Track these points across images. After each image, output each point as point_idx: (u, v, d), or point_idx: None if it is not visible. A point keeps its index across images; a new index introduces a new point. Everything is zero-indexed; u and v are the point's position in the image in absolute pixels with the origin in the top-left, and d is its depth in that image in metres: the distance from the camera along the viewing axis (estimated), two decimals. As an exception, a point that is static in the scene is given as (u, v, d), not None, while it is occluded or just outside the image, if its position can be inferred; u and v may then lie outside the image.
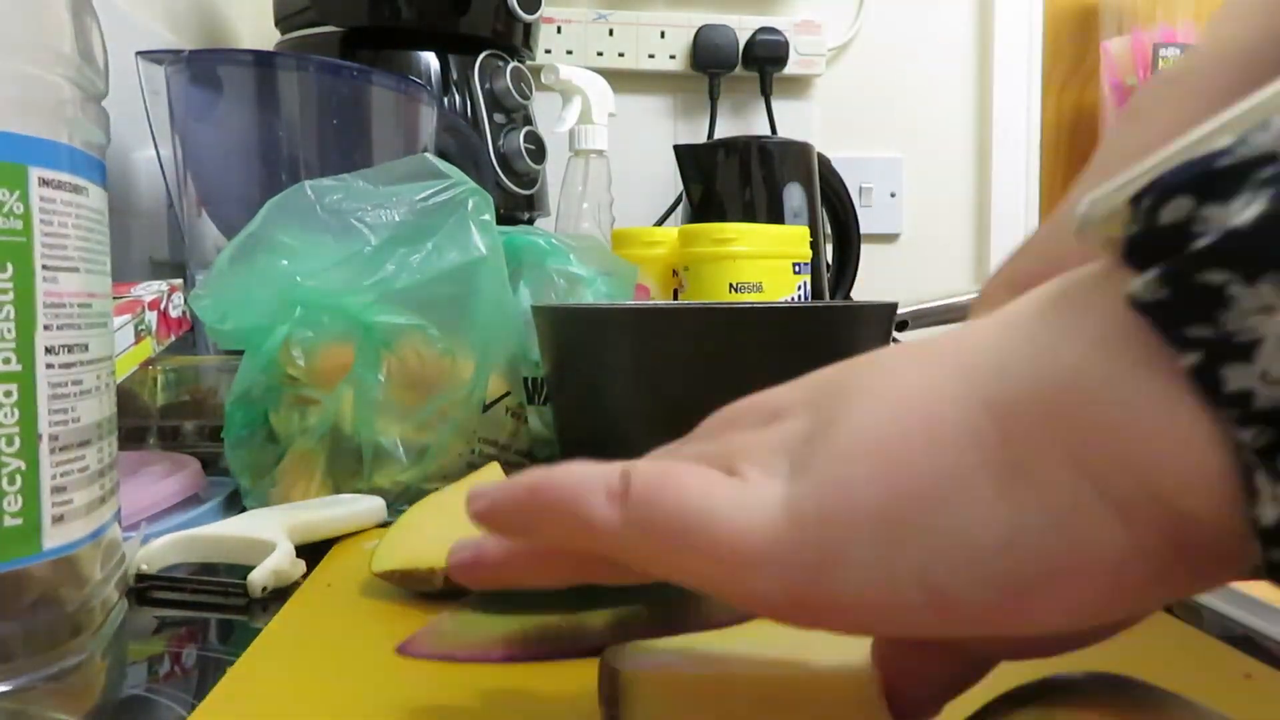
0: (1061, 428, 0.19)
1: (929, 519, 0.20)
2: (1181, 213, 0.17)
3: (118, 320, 0.66)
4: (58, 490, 0.28)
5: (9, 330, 0.27)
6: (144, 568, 0.50)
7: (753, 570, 0.22)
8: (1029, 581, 0.20)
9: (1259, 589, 0.47)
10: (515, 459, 0.73)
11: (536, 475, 0.26)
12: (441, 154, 0.93)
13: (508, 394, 0.72)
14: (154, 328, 0.71)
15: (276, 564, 0.48)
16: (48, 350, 0.28)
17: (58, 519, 0.28)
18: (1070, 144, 1.87)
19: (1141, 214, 0.18)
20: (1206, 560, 0.19)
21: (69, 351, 0.28)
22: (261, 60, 0.92)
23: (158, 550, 0.51)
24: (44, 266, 0.27)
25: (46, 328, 0.28)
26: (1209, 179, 0.17)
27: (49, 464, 0.28)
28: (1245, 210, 0.17)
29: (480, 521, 0.27)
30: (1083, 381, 0.19)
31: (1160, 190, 0.18)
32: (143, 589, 0.49)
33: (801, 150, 1.29)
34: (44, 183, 0.27)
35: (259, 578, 0.47)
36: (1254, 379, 0.17)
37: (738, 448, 0.25)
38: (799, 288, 1.05)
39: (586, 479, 0.25)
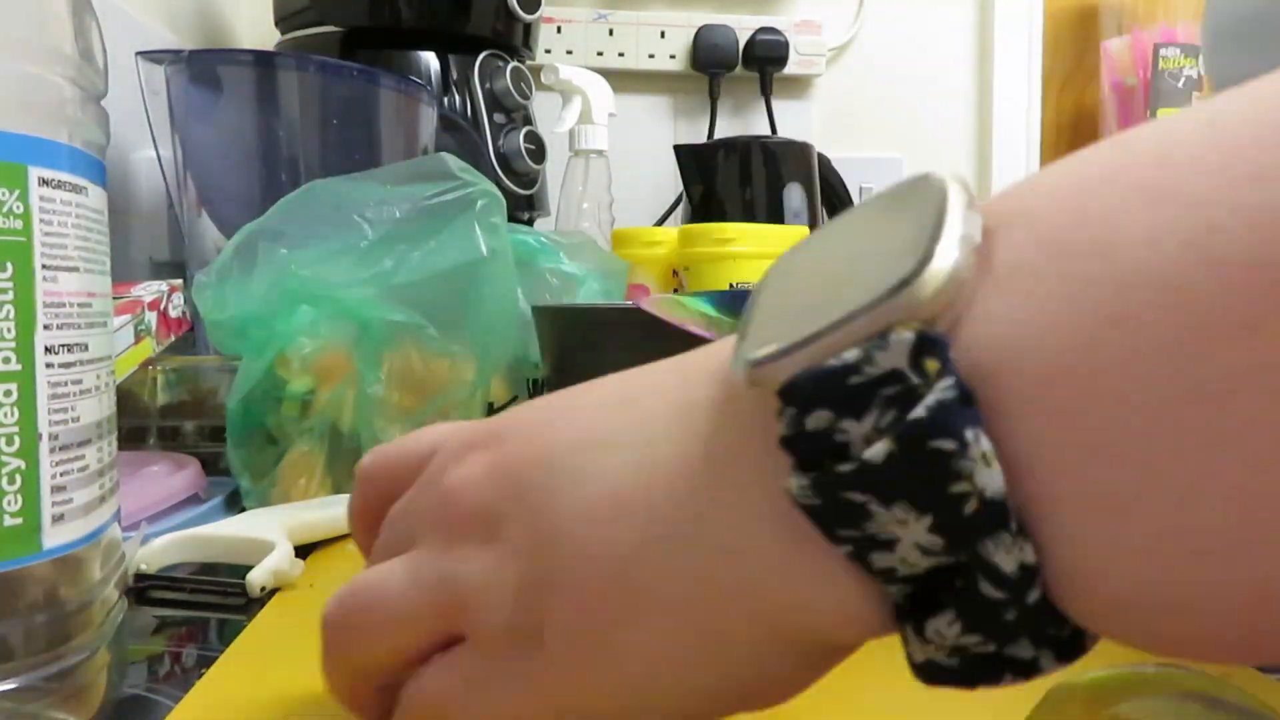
0: (748, 594, 0.23)
1: (655, 672, 0.24)
2: (823, 423, 0.20)
3: (118, 320, 0.66)
4: (57, 490, 0.28)
5: (9, 330, 0.27)
6: (143, 567, 0.50)
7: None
8: (737, 700, 0.25)
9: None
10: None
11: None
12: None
13: (515, 399, 0.72)
14: (154, 328, 0.71)
15: (276, 564, 0.48)
16: (47, 350, 0.28)
17: (57, 518, 0.28)
18: (1070, 144, 1.87)
19: (792, 418, 0.20)
20: (841, 656, 0.25)
21: (69, 351, 0.28)
22: (261, 60, 0.92)
23: (157, 550, 0.51)
24: (44, 266, 0.27)
25: (46, 327, 0.28)
26: (843, 396, 0.20)
27: (49, 463, 0.28)
28: (876, 444, 0.19)
29: None
30: (764, 558, 0.22)
31: (803, 400, 0.20)
32: (142, 589, 0.49)
33: (801, 150, 1.29)
34: (44, 182, 0.27)
35: (258, 578, 0.47)
36: (895, 561, 0.20)
37: (470, 582, 0.26)
38: (799, 288, 1.05)
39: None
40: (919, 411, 0.19)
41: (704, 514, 0.23)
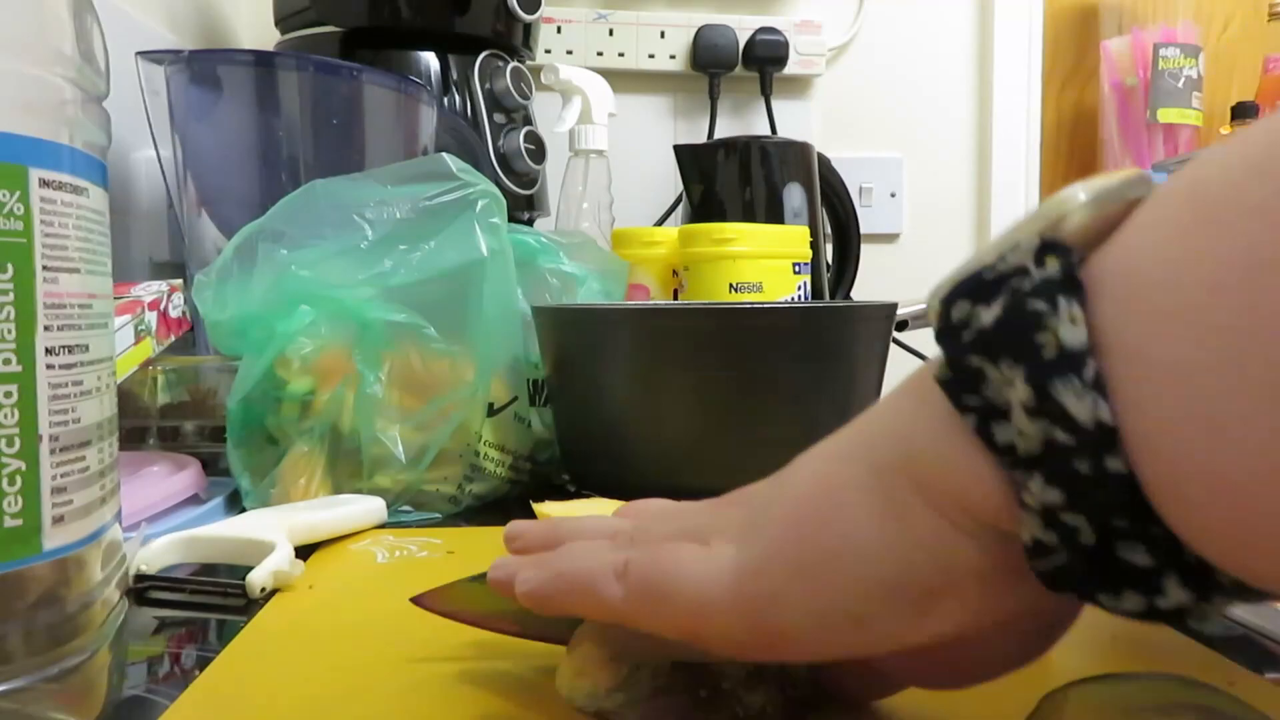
0: (918, 481, 0.26)
1: (839, 561, 0.26)
2: (963, 312, 0.24)
3: (118, 320, 0.66)
4: (58, 491, 0.28)
5: (9, 331, 0.27)
6: (143, 568, 0.50)
7: (715, 615, 0.28)
8: (920, 600, 0.26)
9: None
10: (523, 464, 0.73)
11: (561, 563, 0.33)
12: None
13: (515, 399, 0.72)
14: (154, 328, 0.71)
15: (276, 565, 0.48)
16: (48, 351, 0.28)
17: (58, 520, 0.28)
18: (1070, 144, 1.87)
19: (940, 315, 0.25)
20: (1023, 588, 0.25)
21: (69, 352, 0.28)
22: (261, 60, 0.92)
23: (157, 550, 0.51)
24: (44, 267, 0.27)
25: (47, 328, 0.27)
26: (979, 287, 0.24)
27: (49, 465, 0.28)
28: (989, 312, 0.23)
29: (521, 603, 0.33)
30: (921, 444, 0.26)
31: (951, 295, 0.24)
32: (142, 589, 0.49)
33: (801, 150, 1.29)
34: (44, 183, 0.27)
35: (258, 578, 0.47)
36: (1013, 434, 0.23)
37: (710, 524, 0.31)
38: (799, 288, 1.05)
39: (598, 567, 0.31)
40: (1024, 283, 0.23)
41: (885, 422, 0.28)
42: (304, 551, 0.54)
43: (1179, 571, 0.22)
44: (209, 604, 0.48)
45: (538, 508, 0.57)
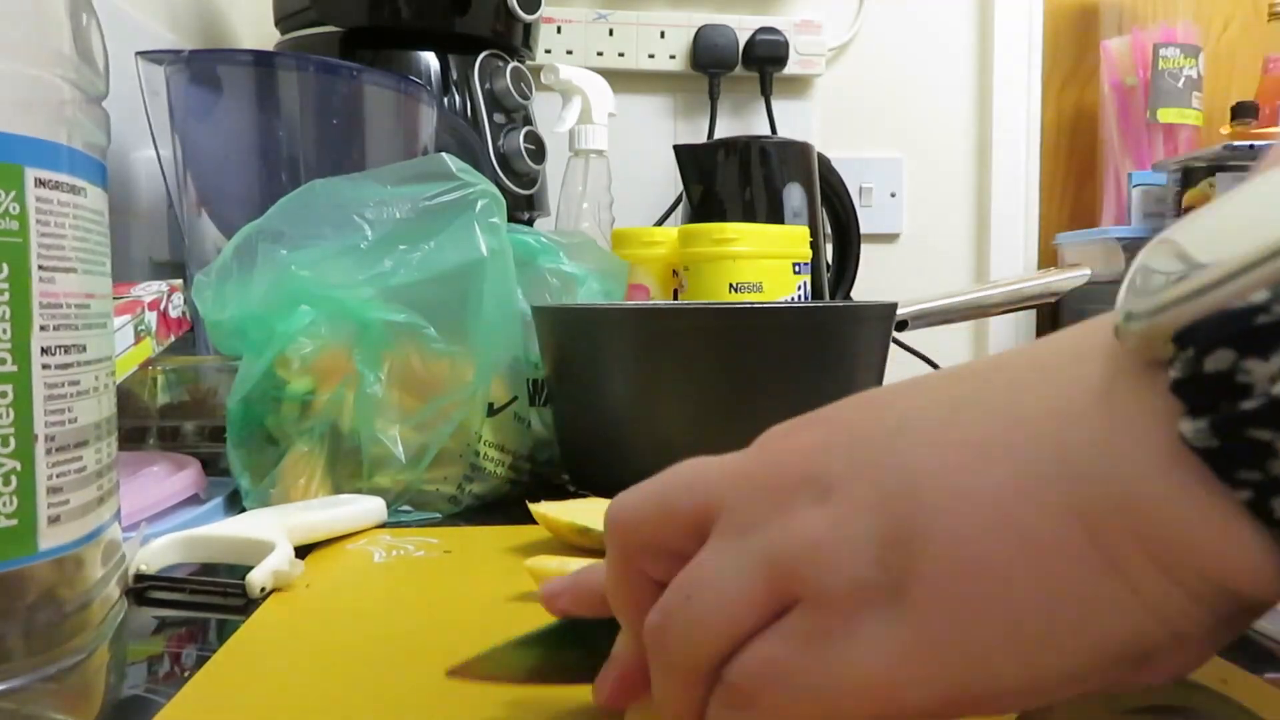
0: (1143, 537, 0.22)
1: (1054, 628, 0.23)
2: (1225, 364, 0.20)
3: (118, 320, 0.66)
4: (54, 491, 0.28)
5: (4, 331, 0.27)
6: (143, 568, 0.50)
7: (900, 699, 0.24)
8: (1144, 659, 0.23)
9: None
10: (523, 464, 0.73)
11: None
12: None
13: (515, 399, 0.72)
14: (154, 328, 0.71)
15: (275, 565, 0.48)
16: (44, 351, 0.27)
17: (54, 519, 0.28)
18: (1070, 144, 1.87)
19: (1188, 361, 0.21)
20: (1246, 619, 0.23)
21: (66, 352, 0.28)
22: (261, 60, 0.92)
23: (157, 550, 0.51)
24: (40, 267, 0.27)
25: (43, 328, 0.27)
26: (1249, 335, 0.20)
27: (45, 465, 0.27)
28: None
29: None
30: (1158, 503, 0.22)
31: (1204, 342, 0.20)
32: (142, 589, 0.49)
33: (801, 150, 1.29)
34: (40, 183, 0.27)
35: (258, 578, 0.47)
36: None
37: (804, 541, 0.25)
38: (799, 288, 1.05)
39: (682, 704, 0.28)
40: None
41: (1084, 457, 0.23)
42: (303, 551, 0.54)
43: None
44: (208, 604, 0.48)
45: (534, 509, 0.56)
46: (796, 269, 1.05)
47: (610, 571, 0.30)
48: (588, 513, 0.55)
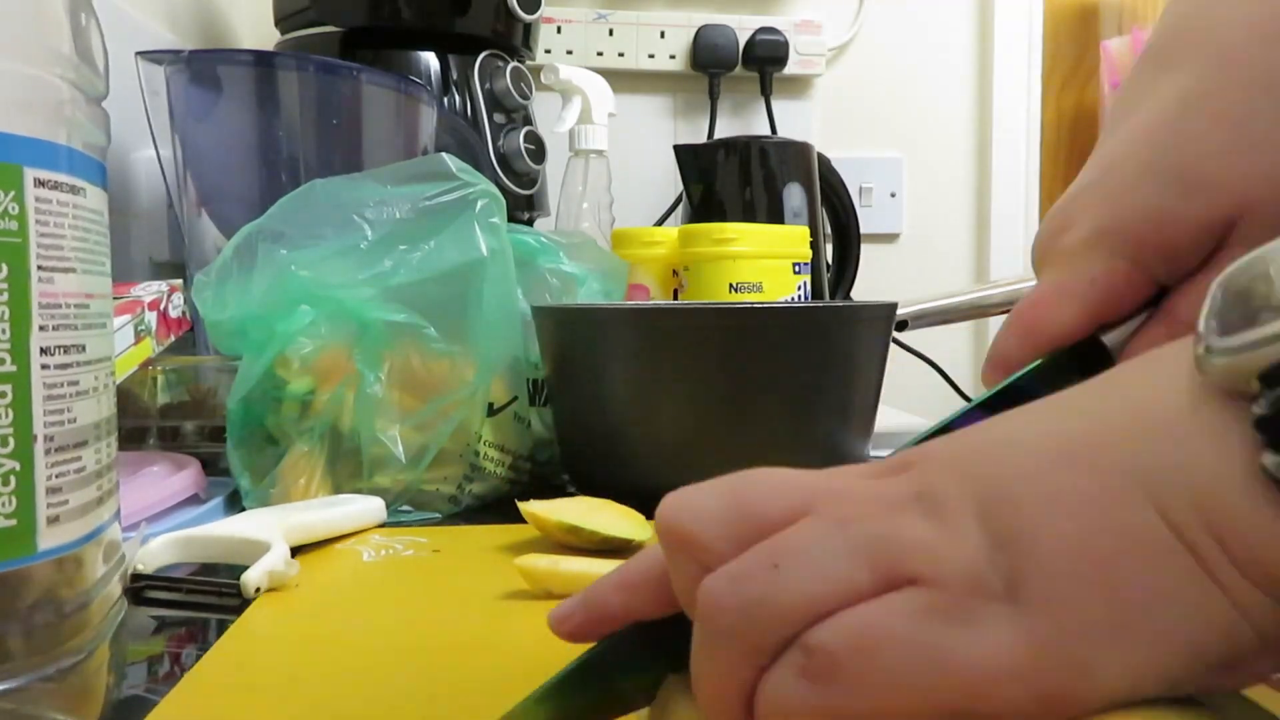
0: (1230, 548, 0.23)
1: (1158, 625, 0.23)
2: None
3: (118, 320, 0.66)
4: (53, 491, 0.28)
5: (3, 331, 0.27)
6: (140, 567, 0.50)
7: (999, 695, 0.24)
8: (1234, 662, 0.24)
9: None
10: (523, 464, 0.73)
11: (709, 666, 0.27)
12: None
13: (515, 399, 0.72)
14: (154, 328, 0.71)
15: (271, 565, 0.48)
16: (43, 351, 0.27)
17: (53, 520, 0.28)
18: (1070, 144, 1.86)
19: (1271, 400, 0.22)
20: None
21: (65, 352, 0.28)
22: (261, 60, 0.92)
23: (154, 550, 0.51)
24: (39, 267, 0.27)
25: (42, 328, 0.27)
26: None
27: (44, 465, 0.27)
28: None
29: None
30: (1238, 515, 0.23)
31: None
32: (139, 589, 0.49)
33: (801, 150, 1.29)
34: (39, 183, 0.27)
35: (253, 578, 0.47)
36: None
37: (915, 537, 0.25)
38: (799, 288, 1.05)
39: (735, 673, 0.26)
40: None
41: (1168, 466, 0.24)
42: (298, 551, 0.54)
43: None
44: (204, 604, 0.48)
45: (524, 507, 0.56)
46: (796, 269, 1.05)
47: (713, 655, 0.27)
48: (577, 511, 0.55)
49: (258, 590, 0.47)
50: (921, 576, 0.24)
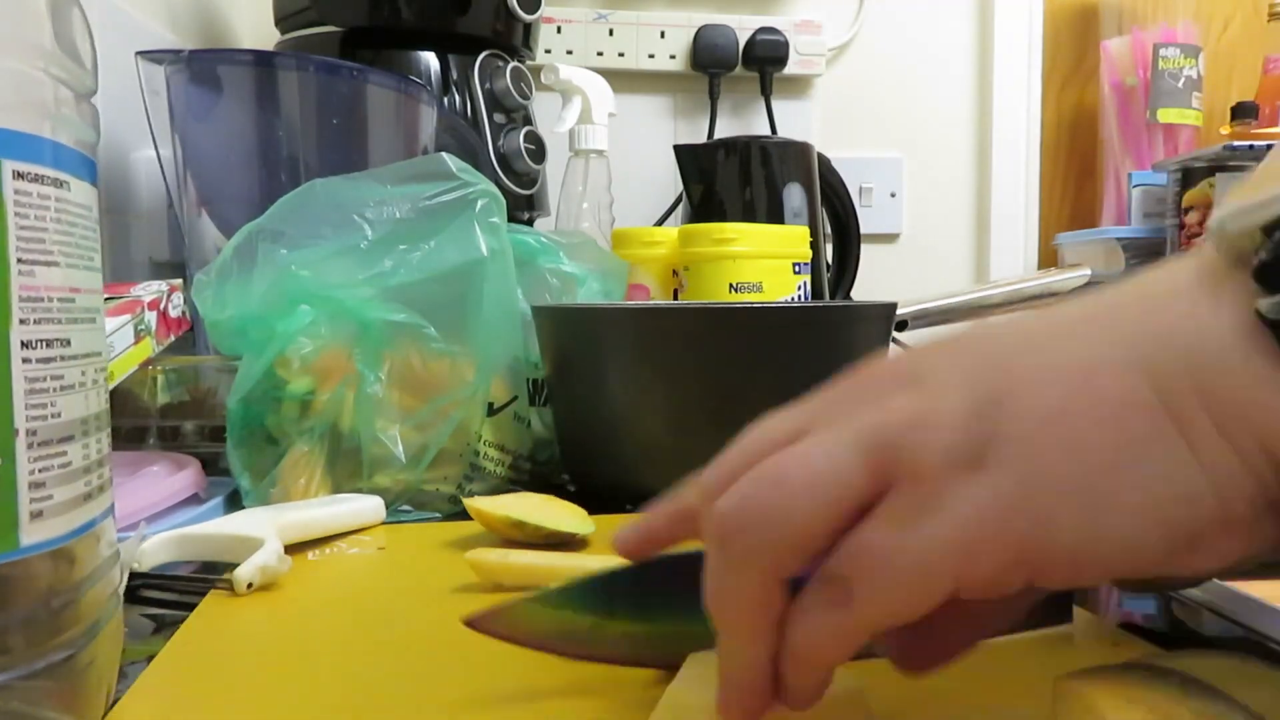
0: (1209, 398, 0.24)
1: (1119, 484, 0.24)
2: None
3: (118, 320, 0.66)
4: (35, 486, 0.28)
5: (-20, 323, 0.26)
6: (135, 566, 0.50)
7: (982, 562, 0.25)
8: (1196, 533, 0.24)
9: (1259, 590, 0.47)
10: (523, 464, 0.72)
11: (786, 468, 0.27)
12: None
13: (515, 399, 0.72)
14: (154, 328, 0.71)
15: (263, 560, 0.48)
16: (24, 345, 0.27)
17: (36, 515, 0.28)
18: (1070, 144, 1.86)
19: (1273, 245, 0.23)
20: None
21: (47, 346, 0.28)
22: (261, 60, 0.92)
23: (150, 549, 0.51)
24: (19, 260, 0.27)
25: (22, 321, 0.27)
26: None
27: (26, 459, 0.27)
28: None
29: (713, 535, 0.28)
30: (1227, 369, 0.24)
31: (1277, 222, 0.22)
32: (134, 587, 0.49)
33: (801, 150, 1.29)
34: (19, 175, 0.27)
35: (244, 574, 0.47)
36: None
37: (901, 420, 0.26)
38: (799, 288, 1.05)
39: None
40: None
41: (1164, 328, 0.25)
42: (298, 550, 0.54)
43: None
44: (198, 602, 0.48)
45: (469, 503, 0.57)
46: (796, 269, 1.05)
47: (730, 579, 0.27)
48: (522, 508, 0.56)
49: (250, 586, 0.47)
50: (904, 468, 0.25)
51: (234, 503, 0.66)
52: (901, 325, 1.12)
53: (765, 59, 1.66)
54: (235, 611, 0.46)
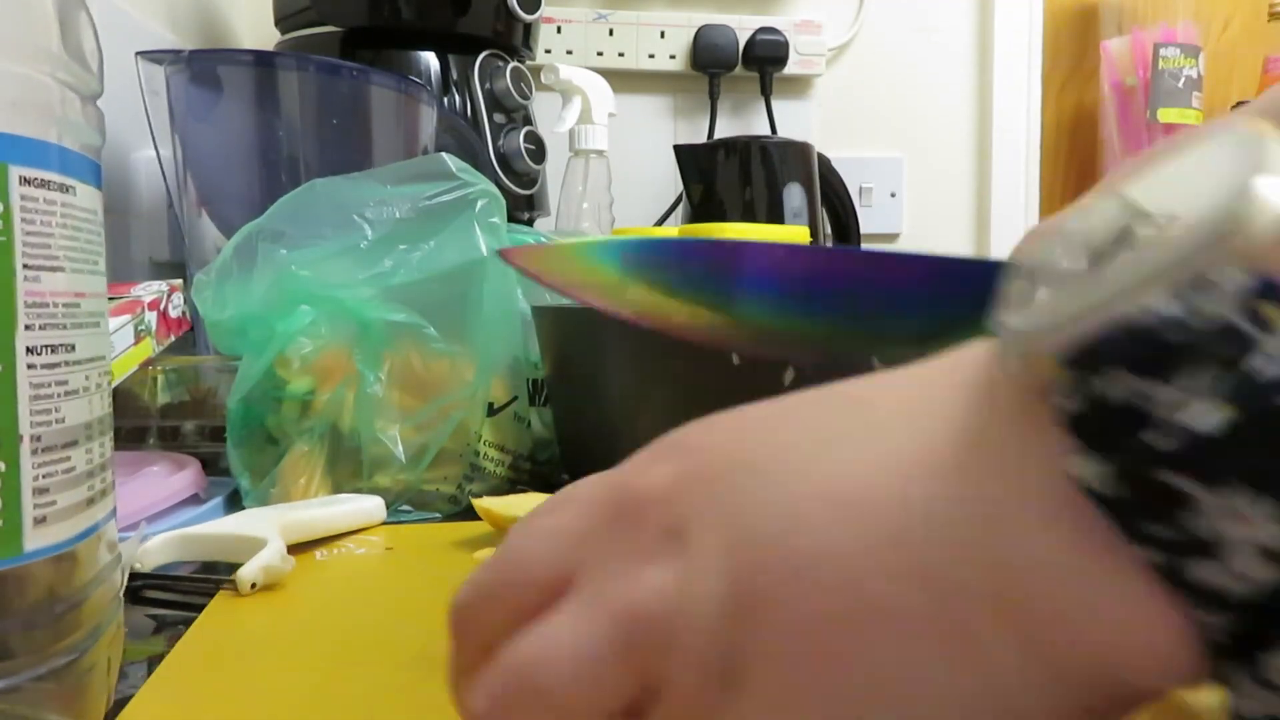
0: (1012, 611, 0.19)
1: (887, 708, 0.20)
2: (1125, 391, 0.16)
3: (118, 320, 0.66)
4: (40, 492, 0.28)
5: (-12, 330, 0.27)
6: (137, 566, 0.50)
7: None
8: None
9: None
10: (523, 464, 0.73)
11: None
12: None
13: (515, 399, 0.72)
14: (154, 328, 0.71)
15: (266, 560, 0.48)
16: (29, 350, 0.27)
17: (40, 520, 0.28)
18: (1070, 144, 1.86)
19: (1079, 386, 0.17)
20: (1134, 705, 0.20)
21: (53, 352, 0.28)
22: (261, 60, 0.92)
23: (152, 549, 0.51)
24: (25, 266, 0.27)
25: (28, 327, 0.27)
26: (1155, 356, 0.16)
27: (30, 465, 0.27)
28: (1210, 413, 0.16)
29: None
30: (1033, 567, 0.18)
31: (1100, 366, 0.17)
32: (136, 588, 0.49)
33: (801, 150, 1.29)
34: (25, 181, 0.27)
35: (248, 574, 0.47)
36: (1221, 576, 0.16)
37: (657, 609, 0.22)
38: (799, 288, 1.04)
39: None
40: (1266, 367, 0.15)
41: (951, 511, 0.19)
42: (299, 549, 0.54)
43: None
44: (202, 602, 0.48)
45: (478, 503, 0.57)
46: (796, 269, 1.04)
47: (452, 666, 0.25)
48: (528, 507, 0.56)
49: (253, 586, 0.47)
50: (663, 683, 0.21)
51: (234, 503, 0.66)
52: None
53: (765, 59, 1.66)
54: (244, 612, 0.46)
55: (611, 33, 1.66)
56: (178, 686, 0.37)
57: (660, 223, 1.59)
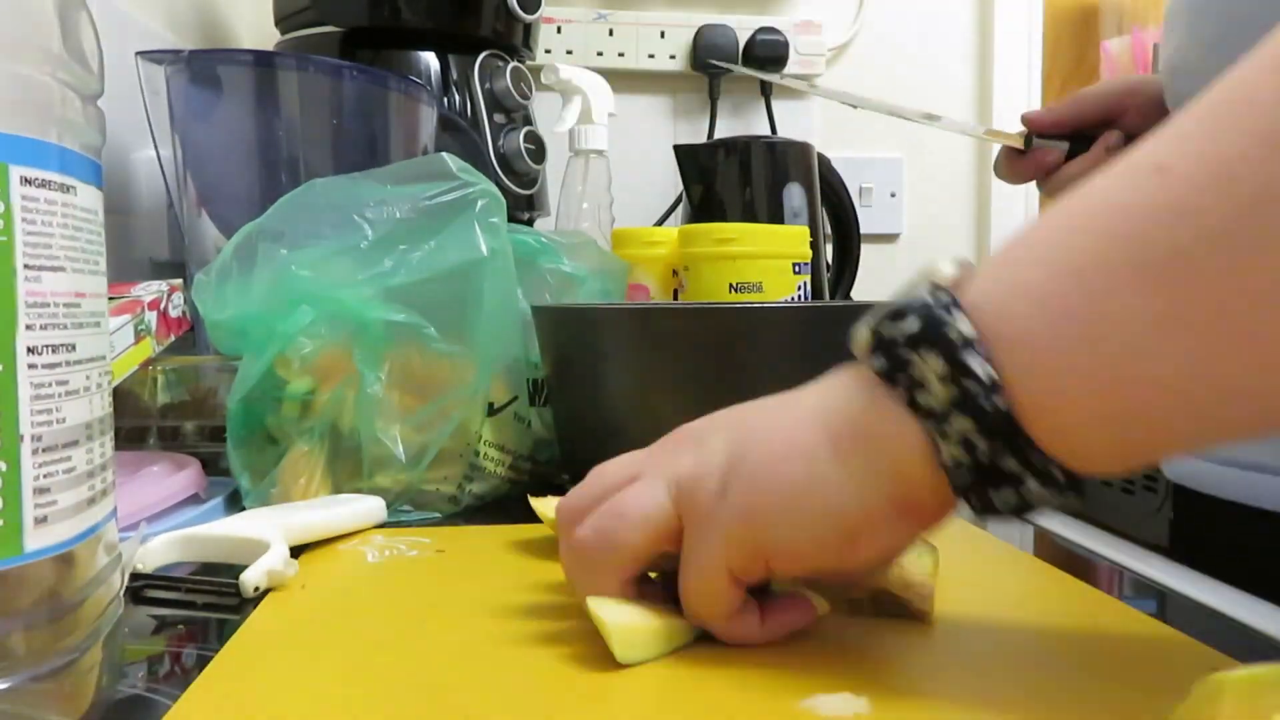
0: (859, 441, 0.37)
1: (807, 500, 0.37)
2: (889, 330, 0.36)
3: (118, 320, 0.66)
4: (40, 491, 0.28)
5: (-12, 330, 0.26)
6: (139, 566, 0.50)
7: (734, 558, 0.39)
8: (851, 534, 0.37)
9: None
10: (523, 464, 0.72)
11: (613, 506, 0.42)
12: (441, 154, 0.93)
13: (515, 399, 0.72)
14: (154, 328, 0.71)
15: (270, 564, 0.48)
16: (30, 350, 0.27)
17: (40, 520, 0.28)
18: (1072, 144, 1.86)
19: (875, 335, 0.36)
20: (928, 513, 0.37)
21: (53, 352, 0.28)
22: (261, 60, 0.92)
23: (153, 550, 0.51)
24: (25, 266, 0.27)
25: (28, 327, 0.27)
26: (898, 313, 0.35)
27: (31, 465, 0.27)
28: (912, 325, 0.35)
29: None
30: (864, 415, 0.37)
31: (879, 324, 0.36)
32: (137, 588, 0.49)
33: (801, 150, 1.29)
34: (26, 181, 0.27)
35: (252, 578, 0.47)
36: (930, 398, 0.34)
37: (689, 473, 0.40)
38: (799, 288, 1.04)
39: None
40: (930, 307, 0.35)
41: (833, 400, 0.38)
42: (298, 551, 0.54)
43: (1036, 477, 0.34)
44: (204, 603, 0.48)
45: (534, 503, 0.57)
46: (796, 269, 1.04)
47: (593, 581, 0.42)
48: None
49: (256, 589, 0.47)
50: (691, 506, 0.39)
51: (234, 503, 0.66)
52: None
53: (765, 59, 1.66)
54: (297, 612, 0.46)
55: (611, 33, 1.67)
56: (227, 687, 0.37)
57: (660, 223, 1.59)
